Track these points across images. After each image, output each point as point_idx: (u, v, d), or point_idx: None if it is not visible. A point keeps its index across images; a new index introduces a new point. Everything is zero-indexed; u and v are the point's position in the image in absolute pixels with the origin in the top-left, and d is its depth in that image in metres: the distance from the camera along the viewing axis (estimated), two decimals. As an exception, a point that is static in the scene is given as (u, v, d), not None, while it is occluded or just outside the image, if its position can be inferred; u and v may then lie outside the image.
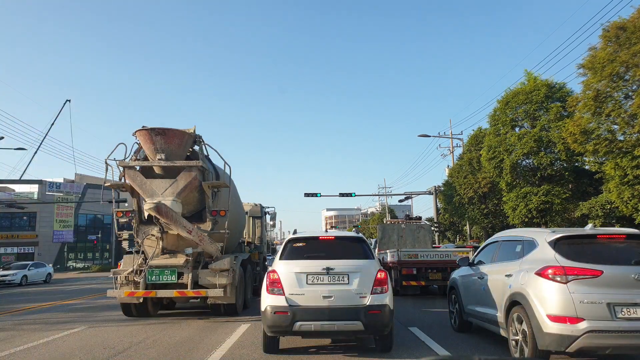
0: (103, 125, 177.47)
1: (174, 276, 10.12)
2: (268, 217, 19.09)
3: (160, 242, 10.37)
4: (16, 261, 52.46)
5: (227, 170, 11.30)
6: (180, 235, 10.20)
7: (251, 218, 16.76)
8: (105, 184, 10.21)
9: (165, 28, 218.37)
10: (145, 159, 10.19)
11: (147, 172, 10.01)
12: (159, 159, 9.76)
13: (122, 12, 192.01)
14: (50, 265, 36.45)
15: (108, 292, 10.54)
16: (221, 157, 11.06)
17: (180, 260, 10.24)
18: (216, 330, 8.70)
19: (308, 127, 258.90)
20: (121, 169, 10.07)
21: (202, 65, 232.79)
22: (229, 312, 10.50)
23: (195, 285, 10.17)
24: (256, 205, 17.45)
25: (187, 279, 10.10)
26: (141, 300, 10.46)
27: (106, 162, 9.98)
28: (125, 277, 10.21)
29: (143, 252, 10.49)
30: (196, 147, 10.49)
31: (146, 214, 10.50)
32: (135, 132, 9.89)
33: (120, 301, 10.72)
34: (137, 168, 9.93)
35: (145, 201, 9.81)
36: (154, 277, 10.12)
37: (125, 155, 10.13)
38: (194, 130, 10.30)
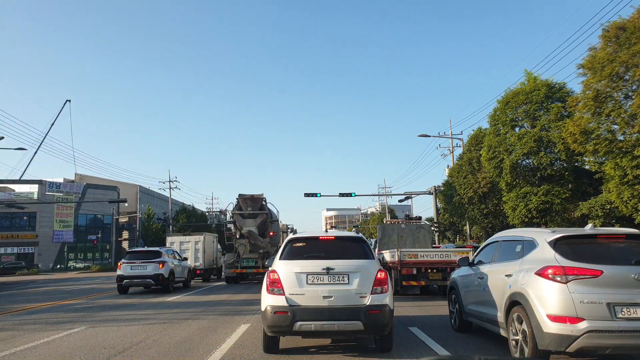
0: (103, 126, 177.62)
1: (253, 263, 21.63)
2: (289, 230, 32.48)
3: (248, 247, 21.85)
4: (16, 261, 52.60)
5: (276, 212, 25.07)
6: (257, 243, 21.66)
7: (280, 231, 27.78)
8: (227, 223, 28.87)
9: (165, 30, 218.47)
10: (240, 209, 22.22)
11: (242, 215, 22.01)
12: (248, 210, 21.98)
13: (122, 14, 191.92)
14: None
15: (223, 269, 24.31)
16: (274, 207, 24.61)
17: (256, 255, 21.71)
18: (216, 330, 8.71)
19: (308, 127, 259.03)
20: (231, 214, 23.89)
21: (201, 66, 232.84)
22: None
23: (263, 267, 20.05)
24: (284, 224, 32.89)
25: (260, 264, 21.10)
26: (236, 275, 21.98)
27: (226, 212, 35.47)
28: (230, 263, 22.05)
29: (237, 252, 21.92)
30: (264, 203, 22.63)
31: (238, 234, 22.30)
32: (237, 196, 22.40)
33: (226, 275, 23.11)
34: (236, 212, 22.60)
35: (242, 228, 21.80)
36: (244, 263, 21.70)
37: (234, 207, 23.10)
38: (263, 195, 22.57)
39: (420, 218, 21.92)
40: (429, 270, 13.96)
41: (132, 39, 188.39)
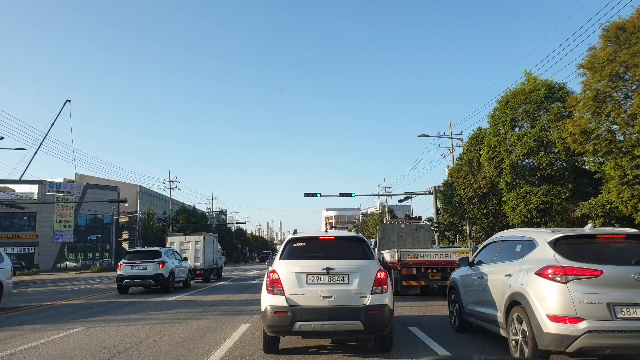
0: (103, 126, 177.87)
1: None
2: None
3: None
4: (16, 261, 52.59)
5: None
6: None
7: None
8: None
9: (165, 31, 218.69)
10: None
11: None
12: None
13: (122, 15, 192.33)
14: None
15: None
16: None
17: None
18: (216, 330, 8.71)
19: (308, 127, 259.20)
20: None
21: (201, 67, 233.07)
22: None
23: None
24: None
25: None
26: None
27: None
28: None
29: None
30: None
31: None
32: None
33: None
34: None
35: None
36: None
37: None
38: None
39: (420, 218, 21.95)
40: (429, 270, 13.96)
41: (131, 40, 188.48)
